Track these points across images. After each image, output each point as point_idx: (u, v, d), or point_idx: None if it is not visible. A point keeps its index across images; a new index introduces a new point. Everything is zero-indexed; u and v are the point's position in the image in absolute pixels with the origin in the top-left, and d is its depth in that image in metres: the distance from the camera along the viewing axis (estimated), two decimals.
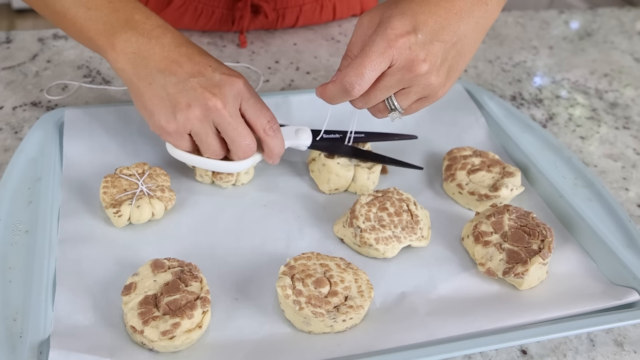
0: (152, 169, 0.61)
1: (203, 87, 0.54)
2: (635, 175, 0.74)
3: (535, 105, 0.86)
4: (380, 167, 0.66)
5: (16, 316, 0.48)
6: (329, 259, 0.53)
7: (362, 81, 0.49)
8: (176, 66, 0.54)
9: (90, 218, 0.58)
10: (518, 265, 0.54)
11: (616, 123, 0.84)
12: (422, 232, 0.58)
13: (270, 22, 0.94)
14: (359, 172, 0.64)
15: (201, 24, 0.91)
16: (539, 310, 0.53)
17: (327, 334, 0.50)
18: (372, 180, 0.64)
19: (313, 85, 0.84)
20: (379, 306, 0.53)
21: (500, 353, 0.52)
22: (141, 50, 0.55)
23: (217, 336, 0.49)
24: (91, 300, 0.50)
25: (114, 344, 0.47)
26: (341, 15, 1.01)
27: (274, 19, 0.93)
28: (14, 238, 0.54)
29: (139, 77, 0.55)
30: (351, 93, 0.51)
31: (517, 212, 0.58)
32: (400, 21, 0.49)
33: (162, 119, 0.55)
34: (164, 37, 0.56)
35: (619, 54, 1.03)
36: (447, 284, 0.55)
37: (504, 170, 0.65)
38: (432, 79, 0.51)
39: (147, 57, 0.55)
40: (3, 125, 0.70)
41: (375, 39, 0.49)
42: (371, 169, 0.64)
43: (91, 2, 0.56)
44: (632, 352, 0.53)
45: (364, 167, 0.65)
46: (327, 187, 0.64)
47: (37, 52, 0.85)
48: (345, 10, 1.01)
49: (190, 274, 0.50)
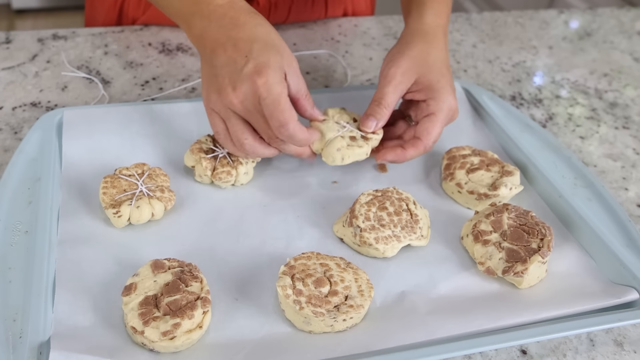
0: (152, 170, 0.61)
1: (228, 81, 0.56)
2: (634, 175, 0.74)
3: (535, 105, 0.86)
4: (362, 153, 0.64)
5: (16, 316, 0.48)
6: (329, 259, 0.53)
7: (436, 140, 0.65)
8: (221, 51, 0.56)
9: (89, 218, 0.58)
10: (517, 264, 0.54)
11: (616, 123, 0.84)
12: (422, 231, 0.58)
13: (263, 11, 0.93)
14: (337, 140, 0.62)
15: None
16: (539, 308, 0.53)
17: (328, 334, 0.50)
18: (341, 154, 0.62)
19: (313, 85, 0.85)
20: (379, 305, 0.53)
21: (500, 353, 0.52)
22: (203, 32, 0.58)
23: (217, 336, 0.49)
24: (91, 300, 0.50)
25: (115, 345, 0.47)
26: (333, 12, 1.01)
27: (266, 8, 0.93)
28: (13, 238, 0.54)
29: (202, 56, 0.59)
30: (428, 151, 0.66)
31: (517, 211, 0.58)
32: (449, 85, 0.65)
33: (206, 99, 0.59)
34: (223, 19, 0.58)
35: (618, 54, 1.03)
36: (447, 283, 0.55)
37: (503, 169, 0.65)
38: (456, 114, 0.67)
39: (206, 38, 0.58)
40: (3, 125, 0.70)
41: (442, 107, 0.64)
42: (349, 145, 0.63)
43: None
44: (632, 352, 0.53)
45: (345, 138, 0.63)
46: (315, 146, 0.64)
47: (37, 52, 0.85)
48: (337, 7, 1.01)
49: (191, 274, 0.50)
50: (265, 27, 0.58)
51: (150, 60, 0.86)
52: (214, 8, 0.58)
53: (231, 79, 0.55)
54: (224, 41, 0.56)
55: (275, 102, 0.55)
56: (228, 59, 0.56)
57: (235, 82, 0.55)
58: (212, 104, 0.58)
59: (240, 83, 0.55)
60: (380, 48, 0.96)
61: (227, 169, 0.62)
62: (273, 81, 0.55)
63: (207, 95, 0.58)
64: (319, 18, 1.01)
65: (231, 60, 0.56)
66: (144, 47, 0.89)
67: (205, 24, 0.58)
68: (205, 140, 0.65)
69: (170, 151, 0.67)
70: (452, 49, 0.98)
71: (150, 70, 0.84)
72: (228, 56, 0.56)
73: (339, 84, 0.86)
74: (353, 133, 0.64)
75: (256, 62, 0.55)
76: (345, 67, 0.90)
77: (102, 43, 0.89)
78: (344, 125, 0.65)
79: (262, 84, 0.54)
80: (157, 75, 0.83)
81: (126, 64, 0.85)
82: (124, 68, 0.84)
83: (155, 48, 0.89)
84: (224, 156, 0.63)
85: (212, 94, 0.57)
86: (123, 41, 0.90)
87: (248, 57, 0.55)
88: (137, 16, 0.95)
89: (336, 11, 1.02)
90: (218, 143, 0.65)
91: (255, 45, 0.56)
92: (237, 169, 0.62)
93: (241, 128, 0.58)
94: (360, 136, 0.64)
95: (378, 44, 0.97)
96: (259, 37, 0.57)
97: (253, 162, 0.64)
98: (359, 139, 0.64)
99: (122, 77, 0.82)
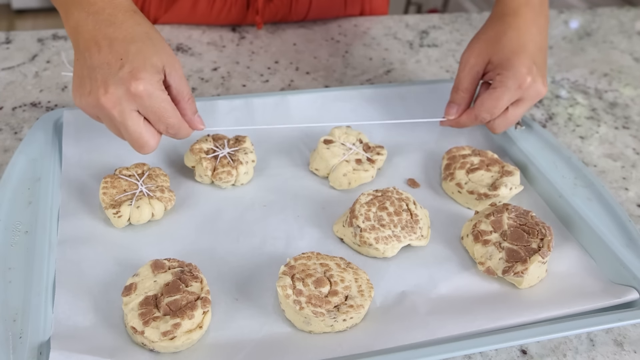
0: (152, 170, 0.61)
1: (102, 81, 0.52)
2: (634, 175, 0.74)
3: (535, 105, 0.86)
4: (368, 176, 0.65)
5: (16, 317, 0.48)
6: (329, 259, 0.53)
7: (493, 115, 0.64)
8: (96, 50, 0.53)
9: (90, 219, 0.58)
10: (517, 264, 0.54)
11: (616, 123, 0.84)
12: (422, 231, 0.58)
13: (284, 6, 0.94)
14: (342, 165, 0.64)
15: (217, 8, 0.92)
16: (539, 308, 0.53)
17: (328, 334, 0.50)
18: (348, 179, 0.64)
19: (312, 85, 0.85)
20: (379, 305, 0.53)
21: (500, 353, 0.52)
22: (78, 25, 0.54)
23: (217, 336, 0.49)
24: (91, 301, 0.50)
25: (115, 345, 0.47)
26: (352, 7, 1.01)
27: (287, 3, 0.94)
28: (13, 239, 0.54)
29: (75, 49, 0.55)
30: (483, 122, 0.66)
31: (517, 211, 0.58)
32: (520, 60, 0.62)
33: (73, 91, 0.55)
34: (100, 14, 0.54)
35: (618, 54, 1.03)
36: (447, 283, 0.55)
37: (503, 169, 0.65)
38: (545, 90, 0.64)
39: (80, 32, 0.54)
40: (3, 125, 0.70)
41: (506, 82, 0.62)
42: (355, 169, 0.64)
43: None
44: (632, 352, 0.53)
45: (350, 162, 0.65)
46: (312, 165, 0.66)
47: (37, 52, 0.85)
48: (356, 2, 1.01)
49: (191, 274, 0.50)
50: (144, 27, 0.55)
51: None
52: (93, 1, 0.54)
53: (104, 81, 0.52)
54: (99, 39, 0.53)
55: (160, 109, 0.53)
56: (102, 60, 0.52)
57: (108, 86, 0.52)
58: (83, 105, 0.54)
59: (113, 87, 0.52)
60: (380, 48, 0.96)
61: (227, 169, 0.62)
62: (151, 86, 0.52)
63: (77, 96, 0.54)
64: (337, 15, 1.01)
65: (105, 62, 0.52)
66: None
67: (82, 17, 0.54)
68: (205, 140, 0.65)
69: (170, 151, 0.67)
70: (452, 49, 0.98)
71: None
72: (102, 57, 0.52)
73: (339, 83, 0.86)
74: (358, 155, 0.65)
75: (132, 65, 0.52)
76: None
77: None
78: (349, 147, 0.66)
79: (138, 87, 0.52)
80: None
81: None
82: None
83: None
84: (224, 156, 0.63)
85: (82, 97, 0.54)
86: None
87: (123, 60, 0.52)
88: (158, 15, 0.95)
89: (355, 9, 1.03)
90: (218, 143, 0.65)
91: (132, 47, 0.53)
92: (237, 169, 0.62)
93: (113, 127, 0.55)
94: (366, 158, 0.66)
95: (378, 44, 0.97)
96: (137, 37, 0.54)
97: (254, 162, 0.64)
98: (364, 162, 0.66)
99: None
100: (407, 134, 0.73)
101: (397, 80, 0.88)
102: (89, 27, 0.54)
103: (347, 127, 0.69)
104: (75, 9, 0.55)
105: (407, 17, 1.07)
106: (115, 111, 0.52)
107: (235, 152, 0.64)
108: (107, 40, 0.53)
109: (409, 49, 0.97)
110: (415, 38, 1.00)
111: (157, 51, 0.54)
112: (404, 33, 1.01)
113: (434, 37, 1.01)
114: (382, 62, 0.92)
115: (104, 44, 0.53)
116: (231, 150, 0.64)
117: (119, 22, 0.54)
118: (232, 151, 0.64)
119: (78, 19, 0.54)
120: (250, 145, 0.66)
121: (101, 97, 0.52)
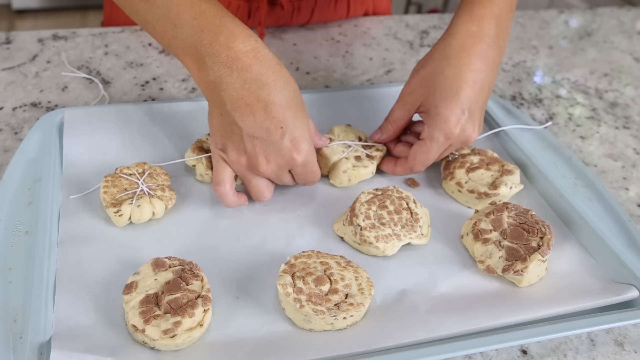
0: (152, 169, 0.61)
1: (262, 149, 0.54)
2: (635, 174, 0.74)
3: (535, 105, 0.87)
4: (368, 173, 0.65)
5: (16, 317, 0.48)
6: (329, 257, 0.53)
7: (426, 165, 0.64)
8: (248, 112, 0.52)
9: (90, 218, 0.58)
10: (517, 263, 0.54)
11: (616, 123, 0.84)
12: (422, 230, 0.58)
13: (286, 14, 0.94)
14: (342, 162, 0.64)
15: None
16: (539, 307, 0.53)
17: (328, 332, 0.50)
18: (348, 175, 0.64)
19: (313, 85, 0.85)
20: (379, 304, 0.53)
21: (501, 353, 0.52)
22: (221, 80, 0.52)
23: (218, 334, 0.49)
24: (92, 299, 0.50)
25: (115, 344, 0.47)
26: (355, 12, 1.01)
27: (289, 11, 0.94)
28: (14, 239, 0.54)
29: (214, 103, 0.54)
30: (416, 173, 0.66)
31: (516, 209, 0.58)
32: (449, 109, 0.59)
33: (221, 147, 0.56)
34: (247, 71, 0.52)
35: (618, 54, 1.03)
36: (447, 281, 0.55)
37: (503, 168, 0.65)
38: (475, 136, 0.62)
39: (224, 89, 0.52)
40: (3, 126, 0.70)
41: (433, 134, 0.60)
42: (355, 166, 0.64)
43: (178, 19, 0.52)
44: (632, 352, 0.53)
45: (350, 159, 0.65)
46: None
47: (37, 52, 0.85)
48: (359, 7, 1.01)
49: (191, 273, 0.50)
50: (291, 84, 0.54)
51: (150, 60, 0.86)
52: (235, 55, 0.51)
53: (265, 150, 0.54)
54: (250, 101, 0.52)
55: (309, 171, 0.58)
56: (259, 125, 0.52)
57: (269, 155, 0.54)
58: (234, 164, 0.56)
59: (276, 157, 0.55)
60: (380, 48, 0.96)
61: None
62: (309, 152, 0.56)
63: (228, 152, 0.56)
64: (341, 18, 1.01)
65: (263, 128, 0.53)
66: (144, 47, 0.89)
67: (224, 72, 0.52)
68: (206, 139, 0.65)
69: (170, 150, 0.67)
70: None
71: (150, 70, 0.84)
72: (258, 122, 0.52)
73: (339, 83, 0.86)
74: (358, 152, 0.66)
75: (292, 135, 0.54)
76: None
77: (102, 43, 0.89)
78: (348, 144, 0.66)
79: (299, 159, 0.56)
80: (157, 76, 0.83)
81: (126, 64, 0.85)
82: (124, 68, 0.84)
83: (155, 48, 0.89)
84: None
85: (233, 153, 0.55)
86: (123, 41, 0.90)
87: (284, 129, 0.53)
88: None
89: (358, 12, 1.03)
90: None
91: (288, 114, 0.53)
92: None
93: (266, 184, 0.59)
94: (365, 155, 0.66)
95: (378, 44, 0.97)
96: (291, 102, 0.54)
97: None
98: (364, 159, 0.66)
99: (122, 78, 0.82)
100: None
101: (397, 80, 0.88)
102: (236, 85, 0.52)
103: (347, 125, 0.69)
104: (215, 63, 0.52)
105: (407, 17, 1.07)
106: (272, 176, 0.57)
107: None
108: (262, 104, 0.52)
109: (409, 49, 0.97)
110: (416, 38, 1.00)
111: (306, 114, 0.56)
112: (404, 33, 1.01)
113: (434, 37, 1.01)
114: (382, 62, 0.92)
115: (259, 107, 0.52)
116: None
117: (270, 82, 0.52)
118: None
119: (219, 74, 0.52)
120: None
121: (262, 166, 0.55)
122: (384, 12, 1.08)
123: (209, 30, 0.52)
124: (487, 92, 0.62)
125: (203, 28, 0.52)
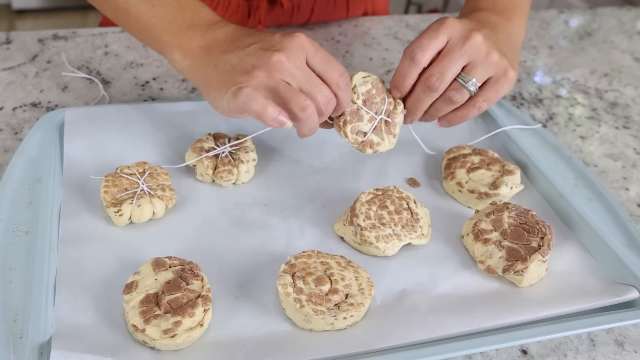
0: (153, 168, 0.61)
1: (263, 49, 0.52)
2: (635, 174, 0.74)
3: (535, 105, 0.87)
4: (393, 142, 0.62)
5: (16, 317, 0.48)
6: (329, 257, 0.53)
7: (421, 49, 0.56)
8: (237, 43, 0.53)
9: (91, 217, 0.58)
10: (518, 263, 0.54)
11: (616, 123, 0.84)
12: (422, 230, 0.58)
13: (286, 13, 0.94)
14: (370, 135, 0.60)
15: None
16: (539, 307, 0.53)
17: (328, 332, 0.50)
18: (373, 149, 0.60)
19: None
20: (379, 304, 0.53)
21: (501, 353, 0.52)
22: (206, 42, 0.54)
23: (218, 334, 0.49)
24: (92, 299, 0.50)
25: (116, 343, 0.47)
26: (354, 12, 1.01)
27: (289, 9, 0.94)
28: (14, 239, 0.54)
29: (204, 64, 0.54)
30: (415, 58, 0.57)
31: (517, 209, 0.58)
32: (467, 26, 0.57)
33: (233, 88, 0.51)
34: (226, 27, 0.55)
35: (619, 54, 1.03)
36: (447, 281, 0.55)
37: (504, 168, 0.65)
38: (494, 55, 0.57)
39: (211, 46, 0.54)
40: (3, 126, 0.70)
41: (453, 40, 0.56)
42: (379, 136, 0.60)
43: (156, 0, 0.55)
44: (632, 352, 0.53)
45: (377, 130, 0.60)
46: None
47: (37, 52, 0.85)
48: (358, 7, 1.01)
49: (192, 273, 0.50)
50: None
51: (150, 60, 0.86)
52: (214, 22, 0.56)
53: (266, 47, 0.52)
54: (236, 38, 0.54)
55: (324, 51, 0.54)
56: (249, 42, 0.53)
57: (272, 47, 0.51)
58: (259, 84, 0.51)
59: (280, 44, 0.52)
60: (380, 48, 0.96)
61: (228, 167, 0.62)
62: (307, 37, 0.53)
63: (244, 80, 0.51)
64: (340, 18, 1.01)
65: (254, 41, 0.53)
66: (144, 47, 0.89)
67: (207, 35, 0.55)
68: (206, 139, 0.65)
69: (171, 150, 0.67)
70: None
71: (150, 70, 0.84)
72: (247, 42, 0.53)
73: None
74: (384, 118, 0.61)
75: (281, 32, 0.54)
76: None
77: (102, 43, 0.89)
78: (374, 115, 0.60)
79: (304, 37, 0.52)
80: (157, 76, 0.83)
81: (126, 64, 0.85)
82: (124, 68, 0.84)
83: None
84: (225, 155, 0.63)
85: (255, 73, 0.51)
86: (123, 41, 0.90)
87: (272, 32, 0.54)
88: None
89: (357, 11, 1.03)
90: (219, 142, 0.65)
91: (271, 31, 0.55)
92: (238, 168, 0.62)
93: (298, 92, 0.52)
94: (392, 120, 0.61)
95: (378, 44, 0.97)
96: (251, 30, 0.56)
97: (254, 161, 0.64)
98: (391, 123, 0.61)
99: (122, 77, 0.82)
100: (407, 133, 0.73)
101: None
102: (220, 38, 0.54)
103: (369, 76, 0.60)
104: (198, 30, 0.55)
105: (407, 17, 1.07)
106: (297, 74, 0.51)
107: (236, 150, 0.64)
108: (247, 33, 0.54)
109: None
110: None
111: None
112: (404, 33, 1.01)
113: None
114: (382, 62, 0.92)
115: (244, 36, 0.54)
116: (232, 149, 0.64)
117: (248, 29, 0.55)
118: (233, 150, 0.64)
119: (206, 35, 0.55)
120: (251, 144, 0.66)
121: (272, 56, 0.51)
122: (382, 11, 1.08)
123: (190, 9, 0.55)
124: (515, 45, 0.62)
125: (184, 6, 0.55)
